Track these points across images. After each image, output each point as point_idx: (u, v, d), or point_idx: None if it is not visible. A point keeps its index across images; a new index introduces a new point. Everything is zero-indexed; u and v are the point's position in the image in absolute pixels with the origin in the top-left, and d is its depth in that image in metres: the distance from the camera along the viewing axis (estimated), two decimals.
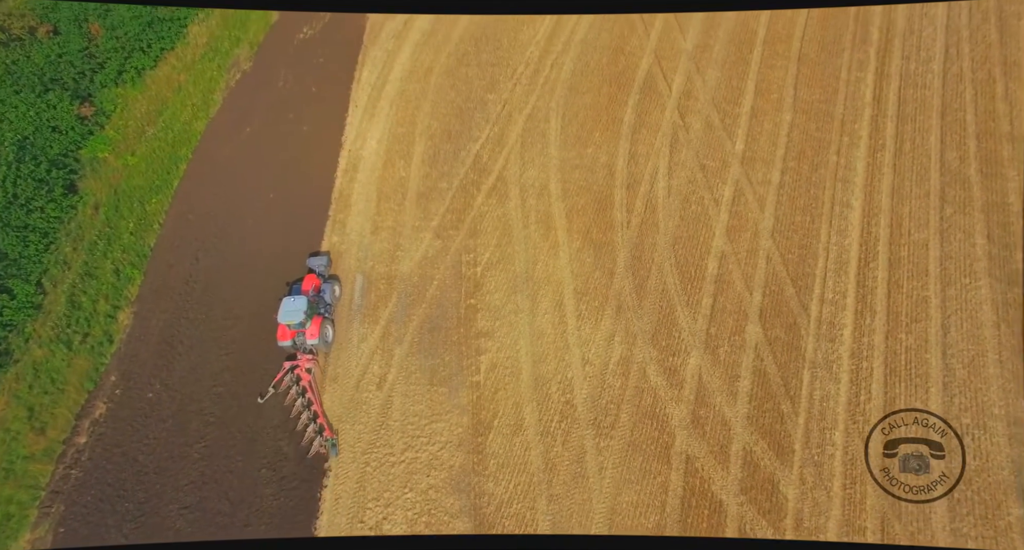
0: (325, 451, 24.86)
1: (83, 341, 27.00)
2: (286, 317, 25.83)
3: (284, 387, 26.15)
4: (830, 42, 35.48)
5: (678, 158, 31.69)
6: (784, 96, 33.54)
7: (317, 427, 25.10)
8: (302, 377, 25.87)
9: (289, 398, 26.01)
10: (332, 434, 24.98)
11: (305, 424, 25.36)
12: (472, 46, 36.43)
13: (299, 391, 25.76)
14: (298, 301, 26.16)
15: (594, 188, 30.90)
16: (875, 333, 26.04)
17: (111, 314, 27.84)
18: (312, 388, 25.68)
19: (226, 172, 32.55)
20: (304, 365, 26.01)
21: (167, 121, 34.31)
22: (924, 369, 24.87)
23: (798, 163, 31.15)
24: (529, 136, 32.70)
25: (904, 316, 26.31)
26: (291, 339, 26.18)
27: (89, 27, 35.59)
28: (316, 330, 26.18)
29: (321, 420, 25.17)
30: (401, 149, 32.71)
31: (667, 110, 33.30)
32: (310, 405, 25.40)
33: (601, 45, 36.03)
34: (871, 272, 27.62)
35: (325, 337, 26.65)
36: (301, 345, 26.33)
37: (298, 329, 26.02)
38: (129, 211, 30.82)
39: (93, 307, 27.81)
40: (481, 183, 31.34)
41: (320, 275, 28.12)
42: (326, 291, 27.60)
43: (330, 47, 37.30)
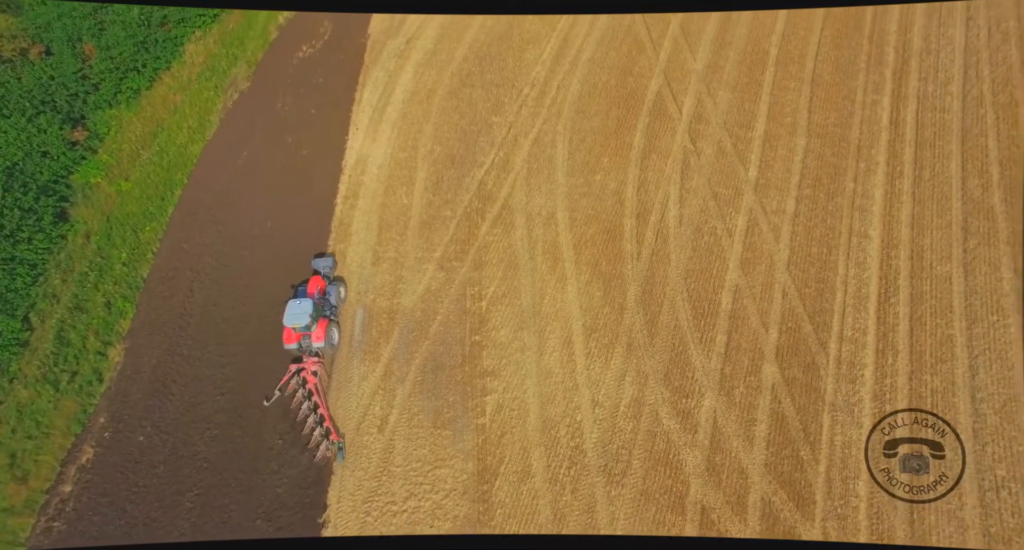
0: (332, 455, 24.32)
1: (71, 380, 25.50)
2: (292, 320, 25.23)
3: (290, 390, 25.56)
4: (845, 63, 33.91)
5: (689, 185, 30.15)
6: (798, 120, 31.99)
7: (324, 431, 24.57)
8: (308, 380, 25.34)
9: (295, 401, 25.39)
10: (339, 437, 24.45)
11: (312, 428, 24.80)
12: (476, 66, 34.86)
13: (305, 394, 25.23)
14: (304, 304, 25.52)
15: (603, 217, 29.37)
16: (898, 374, 24.55)
17: (101, 351, 26.33)
18: (318, 391, 25.16)
19: (222, 199, 31.01)
20: (310, 367, 25.52)
21: (162, 144, 32.76)
22: (952, 414, 23.38)
23: (813, 191, 29.61)
24: (535, 161, 31.15)
25: (928, 356, 24.81)
26: (297, 342, 25.69)
27: (83, 47, 34.00)
28: (322, 333, 25.63)
29: (328, 423, 24.62)
30: (403, 175, 31.16)
31: (677, 134, 31.75)
32: (316, 408, 24.88)
33: (609, 65, 34.46)
34: (892, 308, 26.11)
35: (331, 340, 26.10)
36: (307, 348, 25.83)
37: (304, 332, 25.46)
38: (122, 240, 29.29)
39: (83, 344, 26.31)
40: (486, 211, 29.80)
41: (325, 277, 27.44)
42: (331, 293, 27.01)
43: (330, 66, 35.73)
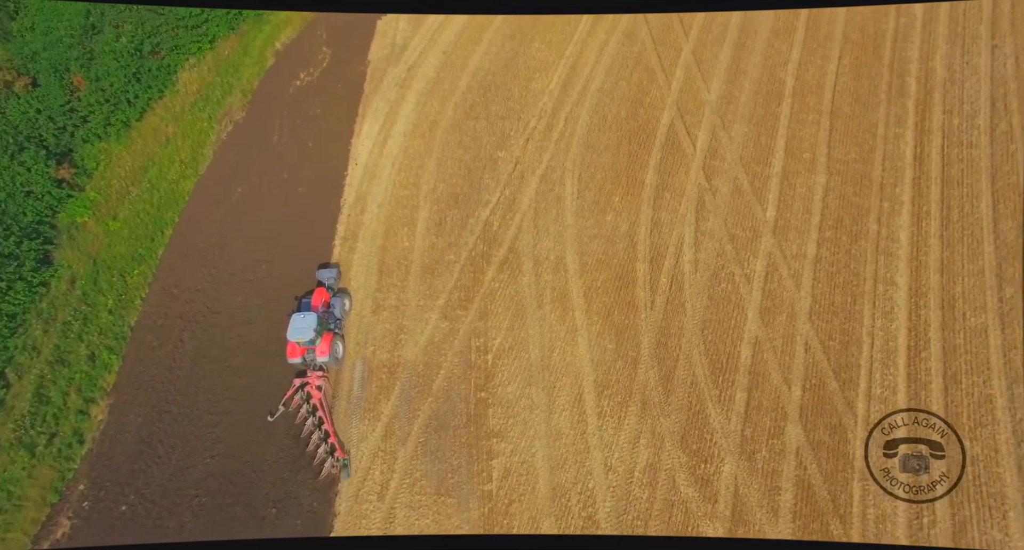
0: (337, 472, 23.34)
1: (49, 443, 23.53)
2: (296, 334, 24.30)
3: (295, 406, 24.63)
4: (864, 94, 31.83)
5: (705, 227, 28.12)
6: (817, 155, 29.93)
7: (328, 447, 23.65)
8: (312, 394, 24.38)
9: (300, 417, 24.44)
10: (344, 454, 23.52)
11: (316, 444, 23.88)
12: (480, 96, 32.79)
13: (310, 409, 24.30)
14: (308, 318, 24.52)
15: (614, 262, 27.35)
16: (933, 437, 22.53)
17: (83, 409, 24.37)
18: (323, 406, 24.20)
19: (215, 240, 29.00)
20: (314, 382, 24.57)
21: (153, 180, 30.75)
22: (998, 487, 21.40)
23: (835, 233, 27.58)
24: (543, 200, 29.12)
25: (966, 419, 22.81)
26: (300, 356, 24.81)
27: (71, 79, 31.96)
28: (326, 347, 24.72)
29: (332, 440, 23.68)
30: (404, 215, 29.13)
31: (692, 171, 29.70)
32: (321, 424, 23.95)
33: (619, 96, 32.39)
34: (923, 363, 24.11)
35: (335, 354, 25.21)
36: (311, 362, 24.89)
37: (308, 346, 24.50)
38: (109, 285, 27.32)
39: (63, 401, 24.34)
40: (491, 255, 27.78)
41: (329, 288, 26.39)
42: (336, 306, 25.97)
43: (329, 95, 33.67)
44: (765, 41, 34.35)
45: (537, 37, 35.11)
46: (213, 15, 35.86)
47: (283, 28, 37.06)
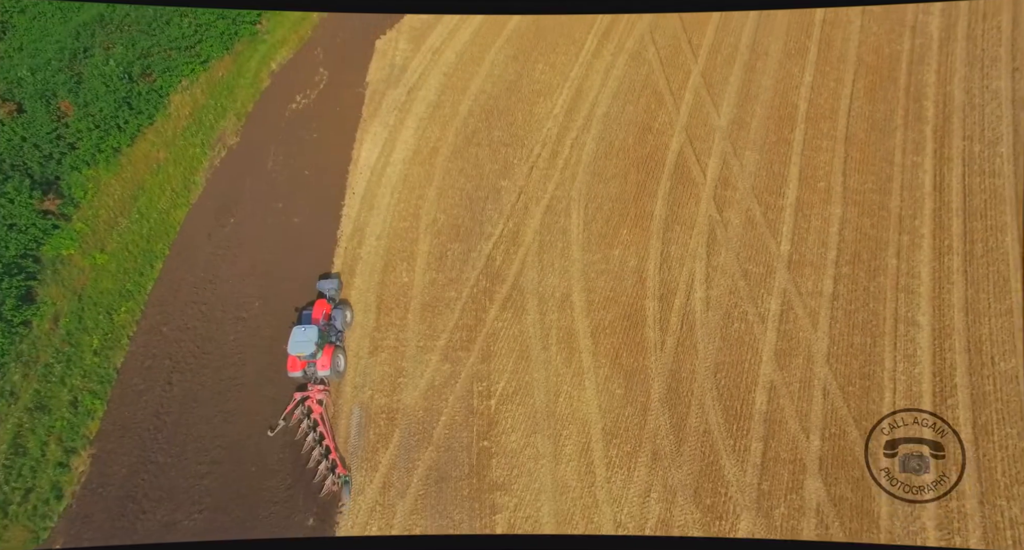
0: (338, 489, 22.55)
1: (24, 500, 22.00)
2: (296, 348, 23.57)
3: (295, 420, 23.81)
4: (880, 119, 30.30)
5: (716, 262, 26.60)
6: (832, 185, 28.41)
7: (330, 463, 22.86)
8: (313, 409, 23.63)
9: (300, 432, 23.61)
10: (345, 471, 22.76)
11: (317, 461, 23.09)
12: (483, 121, 31.24)
13: (311, 424, 23.52)
14: (309, 331, 23.79)
15: (622, 299, 25.84)
16: (966, 497, 21.10)
17: (63, 461, 22.85)
18: (324, 421, 23.45)
19: (207, 274, 27.48)
20: (315, 396, 23.81)
21: (143, 209, 29.21)
22: None
23: (853, 268, 26.07)
24: (548, 233, 27.59)
25: (1001, 475, 21.35)
26: (301, 370, 24.05)
27: (59, 104, 30.38)
28: (328, 360, 23.95)
29: (334, 455, 22.94)
30: (403, 248, 27.61)
31: (702, 202, 28.18)
32: (322, 440, 23.19)
33: (626, 121, 30.84)
34: (951, 412, 22.61)
35: (337, 367, 24.44)
36: (312, 376, 24.14)
37: (309, 360, 23.78)
38: (94, 323, 25.81)
39: (41, 452, 22.83)
40: (494, 292, 26.27)
41: (331, 300, 25.57)
42: (337, 318, 25.17)
43: (325, 120, 32.11)
44: (776, 63, 32.80)
45: (541, 58, 33.55)
46: (207, 35, 34.32)
47: (279, 48, 35.49)
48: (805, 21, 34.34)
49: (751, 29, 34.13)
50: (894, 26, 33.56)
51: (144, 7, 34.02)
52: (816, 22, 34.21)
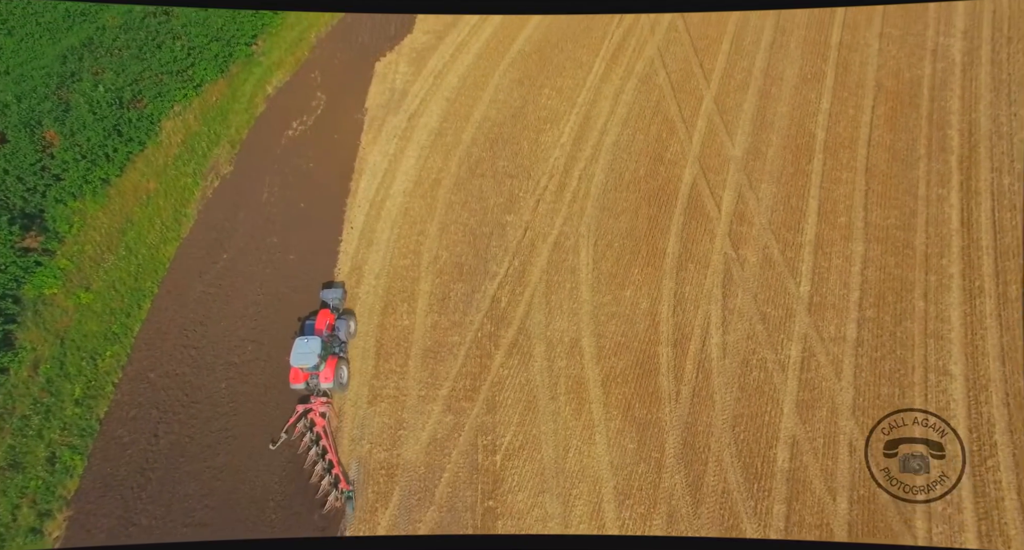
0: (341, 505, 21.65)
1: None
2: (299, 360, 22.74)
3: (297, 434, 22.93)
4: (902, 149, 28.64)
5: (733, 304, 24.93)
6: (853, 220, 26.75)
7: (332, 478, 21.99)
8: (316, 422, 22.80)
9: (303, 446, 22.76)
10: (348, 486, 21.87)
11: (320, 476, 22.21)
12: (487, 150, 29.55)
13: (313, 438, 22.67)
14: (312, 342, 22.93)
15: (635, 345, 24.18)
16: None
17: (36, 526, 21.13)
18: (327, 434, 22.60)
19: (197, 315, 25.80)
20: (318, 409, 22.96)
21: (131, 244, 27.54)
22: None
23: (877, 312, 24.40)
24: (556, 272, 25.91)
25: None
26: (304, 382, 23.19)
27: (44, 133, 28.73)
28: (331, 372, 23.09)
29: (337, 470, 22.07)
30: (404, 288, 25.93)
31: (717, 238, 26.51)
32: (325, 454, 22.34)
33: (636, 150, 29.16)
34: (990, 474, 20.97)
35: (340, 379, 23.53)
36: (315, 388, 23.29)
37: (312, 372, 22.94)
38: (77, 370, 24.14)
39: (12, 516, 21.13)
40: (499, 337, 24.60)
41: (334, 309, 24.71)
42: (340, 328, 24.28)
43: (323, 148, 30.43)
44: (792, 88, 31.11)
45: (547, 83, 31.86)
46: (200, 58, 32.66)
47: (275, 70, 33.82)
48: (820, 44, 32.67)
49: (764, 52, 32.46)
50: (914, 50, 31.90)
51: (135, 32, 32.39)
52: (832, 45, 32.55)
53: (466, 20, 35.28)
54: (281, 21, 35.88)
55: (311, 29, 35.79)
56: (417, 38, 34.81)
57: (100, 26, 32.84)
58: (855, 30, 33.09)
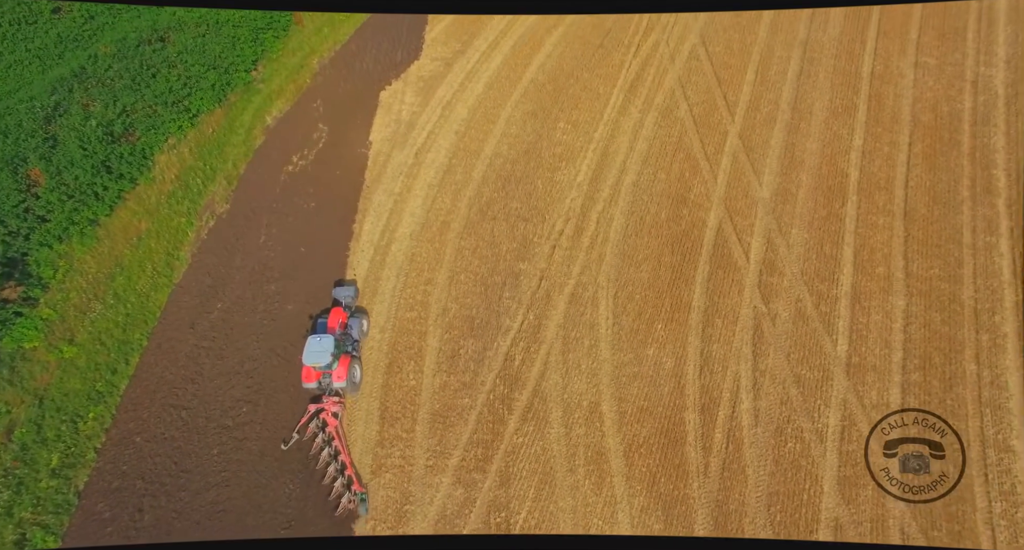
0: (354, 507, 20.79)
1: None
2: (312, 358, 22.04)
3: (309, 434, 22.08)
4: (943, 191, 26.43)
5: (764, 364, 22.74)
6: (892, 270, 24.52)
7: (346, 480, 21.16)
8: (328, 422, 21.99)
9: (315, 447, 21.91)
10: (362, 488, 21.07)
11: (333, 477, 21.35)
12: (499, 190, 27.40)
13: (326, 439, 21.88)
14: (324, 341, 22.22)
15: (659, 410, 22.00)
16: None
17: None
18: (339, 435, 21.90)
19: (188, 371, 23.70)
20: (331, 409, 22.18)
21: (119, 291, 25.47)
22: None
23: (923, 375, 22.17)
24: (573, 328, 23.75)
25: None
26: (316, 381, 22.47)
27: (28, 172, 26.67)
28: (344, 371, 22.36)
29: (350, 472, 21.31)
30: (410, 344, 23.79)
31: (745, 290, 24.31)
32: (337, 455, 21.57)
33: (657, 191, 26.99)
34: None
35: (353, 378, 22.78)
36: (327, 387, 22.55)
37: (325, 370, 22.22)
38: (56, 435, 22.07)
39: None
40: (513, 400, 22.44)
41: (347, 308, 23.93)
42: (353, 327, 23.58)
43: (325, 186, 28.32)
44: (821, 122, 28.91)
45: (562, 116, 29.71)
46: (197, 87, 30.57)
47: (275, 99, 31.74)
48: (851, 74, 30.46)
49: (792, 83, 30.25)
50: (952, 81, 29.67)
51: (129, 61, 30.29)
52: (864, 76, 30.33)
53: (476, 46, 33.18)
54: (282, 46, 33.82)
55: (313, 54, 33.72)
56: (424, 65, 32.70)
57: (92, 54, 30.79)
58: (887, 59, 30.86)
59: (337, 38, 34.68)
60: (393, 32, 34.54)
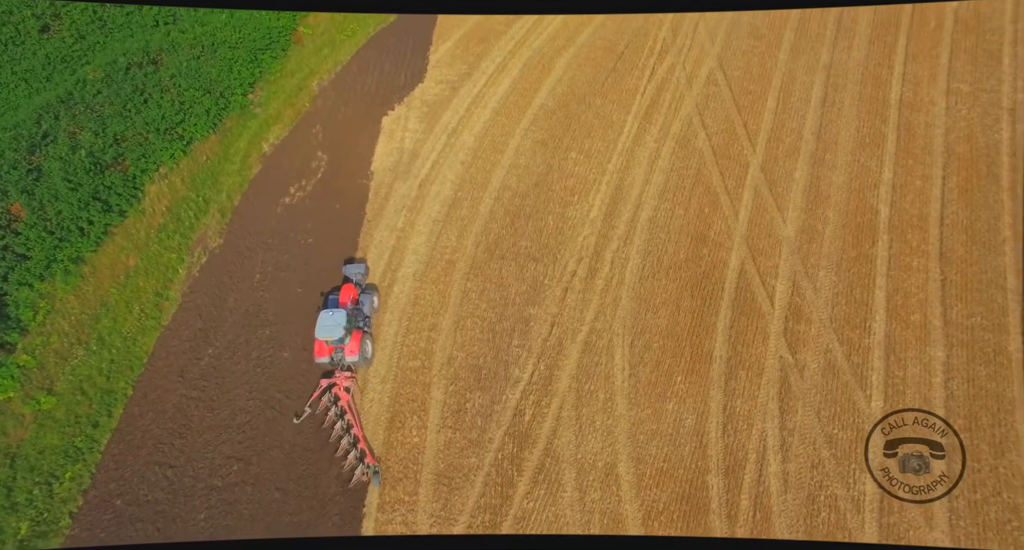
0: (368, 480, 20.65)
1: None
2: (325, 332, 22.01)
3: (321, 408, 22.02)
4: (982, 230, 24.60)
5: (793, 422, 20.94)
6: (929, 317, 22.70)
7: (358, 453, 21.01)
8: (341, 396, 21.89)
9: (328, 421, 21.74)
10: (375, 461, 20.90)
11: (346, 450, 21.18)
12: (507, 227, 25.64)
13: (338, 412, 21.73)
14: (337, 315, 22.21)
15: (679, 473, 20.22)
16: None
17: None
18: (352, 409, 21.75)
19: (176, 424, 21.99)
20: (343, 383, 22.12)
21: (104, 334, 23.78)
22: None
23: (970, 438, 20.36)
24: (587, 380, 21.98)
25: None
26: (329, 355, 22.39)
27: (8, 207, 24.97)
28: (356, 346, 22.34)
29: (362, 445, 21.15)
30: (413, 397, 22.04)
31: (770, 339, 22.52)
32: (350, 428, 21.40)
33: (675, 228, 25.20)
34: None
35: (365, 353, 22.71)
36: (339, 362, 22.49)
37: (337, 345, 22.14)
38: (27, 499, 20.34)
39: None
40: (523, 460, 20.67)
41: (357, 285, 23.86)
42: (365, 303, 23.56)
43: (323, 220, 26.60)
44: (848, 153, 27.10)
45: (573, 145, 27.94)
46: (191, 113, 28.86)
47: (272, 124, 30.05)
48: (878, 101, 28.67)
49: (815, 111, 28.47)
50: (988, 109, 27.84)
51: (119, 85, 28.57)
52: (892, 103, 28.53)
53: (483, 68, 31.46)
54: (281, 67, 32.09)
55: (313, 76, 32.01)
56: (429, 88, 30.96)
57: (80, 79, 29.05)
58: (917, 85, 29.02)
59: (338, 58, 32.98)
60: (396, 52, 32.84)
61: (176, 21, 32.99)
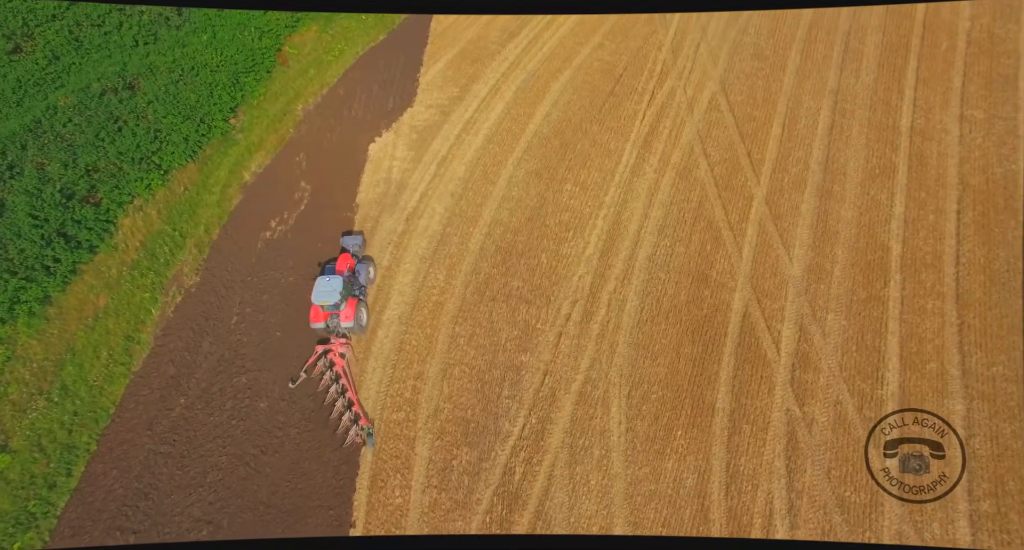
0: (362, 441, 20.90)
1: None
2: (321, 297, 22.33)
3: (317, 373, 22.32)
4: (1001, 269, 23.12)
5: (801, 482, 19.45)
6: (946, 366, 21.21)
7: (353, 415, 21.30)
8: (336, 362, 22.23)
9: (323, 385, 21.96)
10: (368, 423, 21.12)
11: (340, 413, 21.47)
12: (498, 265, 24.14)
13: (333, 377, 22.06)
14: (333, 281, 22.56)
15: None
16: None
17: None
18: (346, 374, 22.10)
19: (143, 484, 20.47)
20: (338, 349, 22.40)
21: (68, 383, 22.26)
22: None
23: (996, 504, 18.89)
24: (581, 435, 20.49)
25: None
26: (324, 321, 22.64)
27: None
28: (351, 312, 22.59)
29: (356, 408, 21.42)
30: (397, 453, 20.53)
31: (776, 389, 21.03)
32: (345, 392, 21.73)
33: (676, 267, 23.71)
34: None
35: (360, 320, 22.96)
36: (335, 328, 22.71)
37: (332, 311, 22.46)
38: None
39: None
40: (513, 524, 19.19)
41: (354, 255, 24.27)
42: (361, 272, 23.95)
43: (305, 258, 25.08)
44: (857, 186, 25.64)
45: (569, 176, 26.45)
46: (168, 140, 27.37)
47: (254, 152, 28.54)
48: (888, 129, 27.20)
49: (822, 139, 27.00)
50: (1004, 138, 26.37)
51: (92, 113, 27.07)
52: (903, 130, 27.05)
53: (475, 92, 29.97)
54: (264, 90, 30.59)
55: (297, 99, 30.50)
56: (418, 113, 29.46)
57: (51, 105, 27.55)
58: (928, 112, 27.55)
59: (324, 80, 31.45)
60: (385, 74, 31.33)
61: (156, 41, 31.58)
